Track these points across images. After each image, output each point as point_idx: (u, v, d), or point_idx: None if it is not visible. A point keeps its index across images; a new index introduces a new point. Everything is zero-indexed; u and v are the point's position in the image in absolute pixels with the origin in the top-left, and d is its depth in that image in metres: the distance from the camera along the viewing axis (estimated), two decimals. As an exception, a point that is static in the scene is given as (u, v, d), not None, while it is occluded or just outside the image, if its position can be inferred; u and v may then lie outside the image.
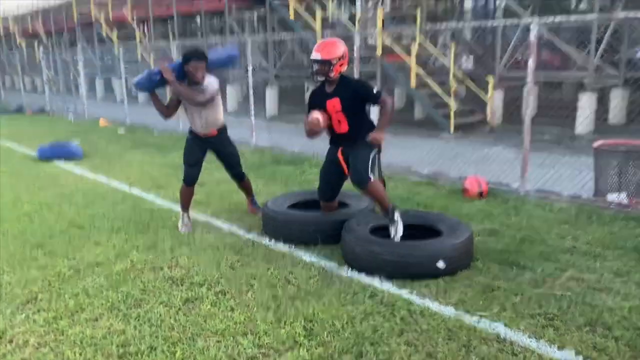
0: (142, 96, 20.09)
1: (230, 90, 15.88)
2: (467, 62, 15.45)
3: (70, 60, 18.96)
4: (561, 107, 11.53)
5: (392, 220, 4.11)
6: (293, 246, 4.43)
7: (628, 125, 10.76)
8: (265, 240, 4.63)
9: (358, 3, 13.25)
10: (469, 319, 3.17)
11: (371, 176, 4.09)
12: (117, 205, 5.89)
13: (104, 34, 20.99)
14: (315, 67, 4.15)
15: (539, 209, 5.36)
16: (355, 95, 4.17)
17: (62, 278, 3.94)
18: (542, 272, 3.81)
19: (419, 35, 11.38)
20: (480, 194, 5.82)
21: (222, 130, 5.00)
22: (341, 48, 4.16)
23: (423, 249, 3.82)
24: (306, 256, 4.24)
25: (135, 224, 5.16)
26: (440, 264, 3.69)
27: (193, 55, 4.59)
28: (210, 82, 4.69)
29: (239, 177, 5.29)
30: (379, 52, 11.64)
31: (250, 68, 9.21)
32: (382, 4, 15.36)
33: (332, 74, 4.14)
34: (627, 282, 3.61)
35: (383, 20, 12.22)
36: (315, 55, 4.11)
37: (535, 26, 5.76)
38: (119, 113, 14.19)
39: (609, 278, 3.69)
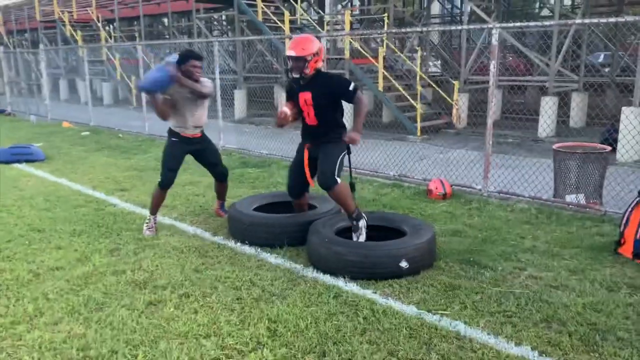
0: (106, 98, 19.77)
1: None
2: (434, 66, 15.72)
3: (32, 60, 18.49)
4: (524, 111, 11.84)
5: (356, 227, 4.15)
6: (259, 248, 4.43)
7: (587, 128, 11.12)
8: (231, 243, 4.61)
9: (327, 6, 13.32)
10: (431, 318, 3.23)
11: (338, 179, 4.10)
12: (80, 208, 5.78)
13: (68, 34, 20.53)
14: (290, 63, 4.14)
15: (501, 209, 5.49)
16: (330, 92, 4.14)
17: (21, 282, 3.85)
18: (503, 271, 3.91)
19: (386, 38, 11.51)
20: (444, 196, 5.93)
21: (203, 131, 5.09)
22: (316, 44, 4.13)
23: (387, 249, 3.87)
24: (272, 258, 4.25)
25: (98, 227, 5.08)
26: (403, 264, 3.75)
27: (192, 54, 4.69)
28: (206, 80, 4.80)
29: (223, 176, 5.26)
30: (347, 55, 11.73)
31: (217, 70, 9.15)
32: (350, 6, 15.48)
33: (307, 71, 4.12)
34: (582, 280, 3.74)
35: (351, 23, 12.32)
36: (290, 52, 4.09)
37: (497, 31, 5.90)
38: (83, 115, 13.90)
39: (565, 276, 3.81)
